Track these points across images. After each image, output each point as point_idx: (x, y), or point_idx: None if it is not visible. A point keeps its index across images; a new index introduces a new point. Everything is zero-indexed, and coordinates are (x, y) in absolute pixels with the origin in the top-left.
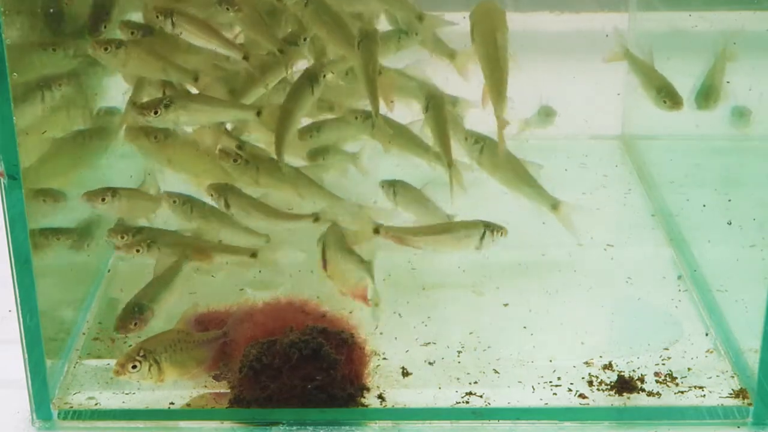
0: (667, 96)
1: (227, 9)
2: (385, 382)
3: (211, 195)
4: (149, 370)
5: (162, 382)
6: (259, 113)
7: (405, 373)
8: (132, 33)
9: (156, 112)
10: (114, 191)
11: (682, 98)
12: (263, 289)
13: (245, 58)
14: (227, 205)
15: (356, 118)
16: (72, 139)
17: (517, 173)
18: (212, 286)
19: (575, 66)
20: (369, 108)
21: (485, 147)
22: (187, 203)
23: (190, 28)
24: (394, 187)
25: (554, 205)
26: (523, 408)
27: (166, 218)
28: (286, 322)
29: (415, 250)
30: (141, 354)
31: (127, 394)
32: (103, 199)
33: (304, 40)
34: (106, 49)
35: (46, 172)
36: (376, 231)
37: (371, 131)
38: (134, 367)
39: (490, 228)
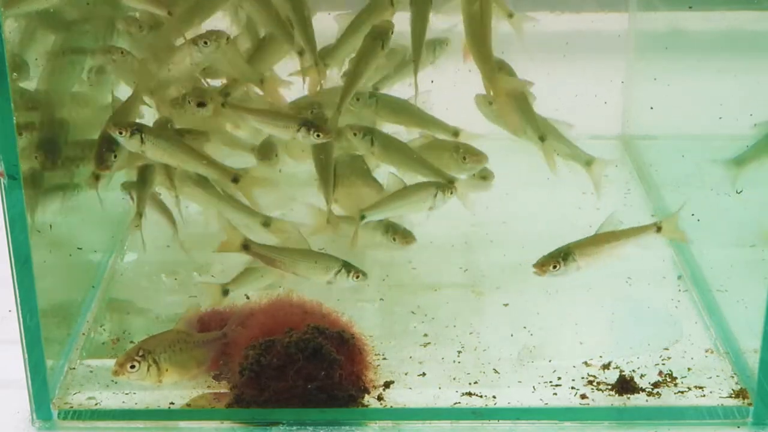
0: None
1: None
2: (385, 382)
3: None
4: (148, 370)
5: (161, 382)
6: (236, 180)
7: (405, 373)
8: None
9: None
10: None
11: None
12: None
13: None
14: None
15: (355, 134)
16: None
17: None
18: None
19: (575, 66)
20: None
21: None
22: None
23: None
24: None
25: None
26: (523, 408)
27: None
28: (286, 323)
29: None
30: (140, 354)
31: (127, 394)
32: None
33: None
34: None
35: None
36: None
37: (369, 148)
38: (133, 367)
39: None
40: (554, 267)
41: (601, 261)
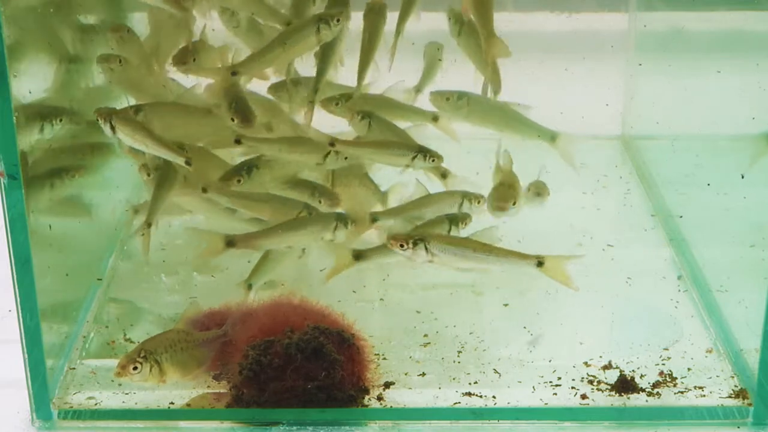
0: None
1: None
2: (385, 382)
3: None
4: (150, 371)
5: (164, 383)
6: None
7: (405, 373)
8: None
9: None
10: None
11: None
12: (264, 288)
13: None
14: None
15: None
16: None
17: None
18: (212, 287)
19: (575, 66)
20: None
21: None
22: None
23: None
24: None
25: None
26: (523, 408)
27: None
28: (286, 322)
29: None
30: (142, 355)
31: (127, 394)
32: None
33: None
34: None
35: None
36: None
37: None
38: (135, 368)
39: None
40: (401, 246)
41: (460, 265)
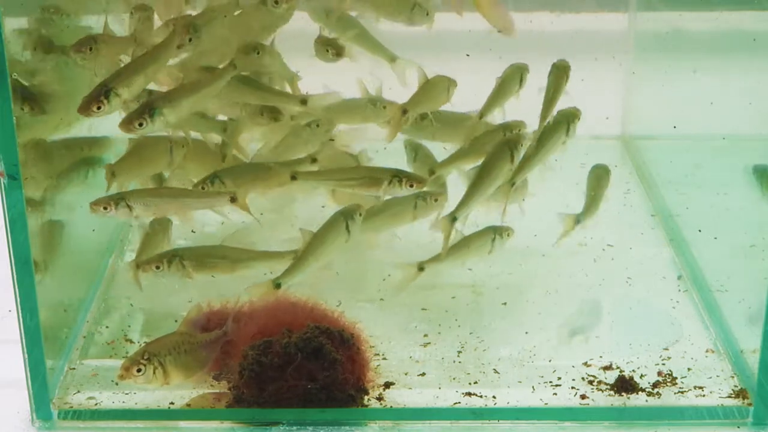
0: None
1: None
2: (385, 382)
3: None
4: (154, 373)
5: (167, 384)
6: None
7: (405, 373)
8: None
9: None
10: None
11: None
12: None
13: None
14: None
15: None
16: None
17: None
18: (213, 286)
19: (575, 66)
20: None
21: None
22: None
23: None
24: None
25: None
26: (523, 408)
27: None
28: (286, 322)
29: (415, 251)
30: (145, 357)
31: (127, 394)
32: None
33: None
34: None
35: None
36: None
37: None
38: (139, 370)
39: None
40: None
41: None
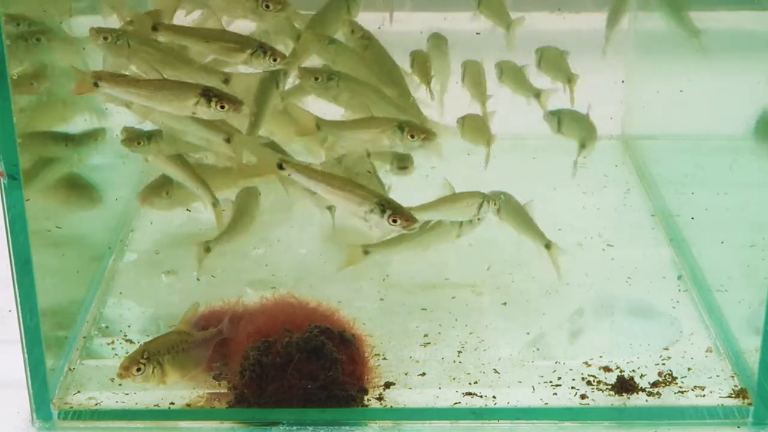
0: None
1: None
2: (385, 382)
3: None
4: (153, 372)
5: (164, 383)
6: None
7: (405, 373)
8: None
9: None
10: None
11: None
12: (264, 288)
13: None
14: None
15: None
16: None
17: None
18: (212, 287)
19: (575, 66)
20: None
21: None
22: None
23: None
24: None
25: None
26: (523, 408)
27: None
28: (287, 322)
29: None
30: (145, 356)
31: (127, 394)
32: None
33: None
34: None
35: None
36: None
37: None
38: (138, 369)
39: None
40: None
41: None
